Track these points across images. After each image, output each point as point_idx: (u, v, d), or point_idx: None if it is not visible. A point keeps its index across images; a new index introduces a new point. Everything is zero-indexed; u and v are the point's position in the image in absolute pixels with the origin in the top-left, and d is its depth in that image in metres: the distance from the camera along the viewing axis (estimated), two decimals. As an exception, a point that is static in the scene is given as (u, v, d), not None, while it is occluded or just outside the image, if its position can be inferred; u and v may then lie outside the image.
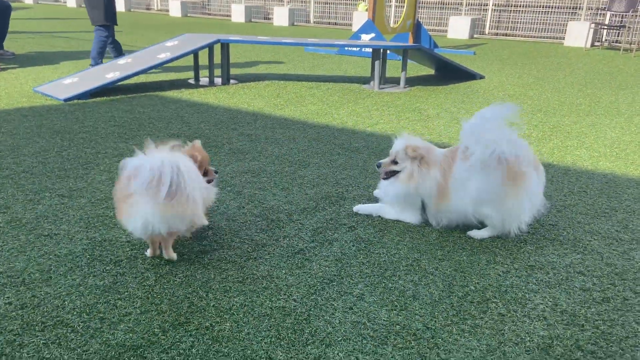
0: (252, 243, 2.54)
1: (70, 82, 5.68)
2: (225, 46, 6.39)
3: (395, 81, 6.81)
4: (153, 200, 2.02)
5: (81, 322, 1.89)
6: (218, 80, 6.51)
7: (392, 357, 1.77)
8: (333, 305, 2.05)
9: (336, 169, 3.60)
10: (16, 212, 2.76)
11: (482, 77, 7.40)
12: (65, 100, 5.21)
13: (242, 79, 6.79)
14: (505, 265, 2.41)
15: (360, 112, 5.24)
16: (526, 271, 2.37)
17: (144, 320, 1.92)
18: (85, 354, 1.73)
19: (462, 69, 7.19)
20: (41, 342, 1.78)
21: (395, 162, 2.72)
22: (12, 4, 7.89)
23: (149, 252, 2.36)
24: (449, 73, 7.38)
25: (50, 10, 17.69)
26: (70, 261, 2.30)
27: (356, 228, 2.73)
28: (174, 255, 2.32)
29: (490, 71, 8.05)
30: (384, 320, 1.97)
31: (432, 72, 7.83)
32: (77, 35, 11.33)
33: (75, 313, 1.94)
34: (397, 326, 1.94)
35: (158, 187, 2.00)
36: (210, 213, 2.72)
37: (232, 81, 6.59)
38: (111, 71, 5.76)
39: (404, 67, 6.54)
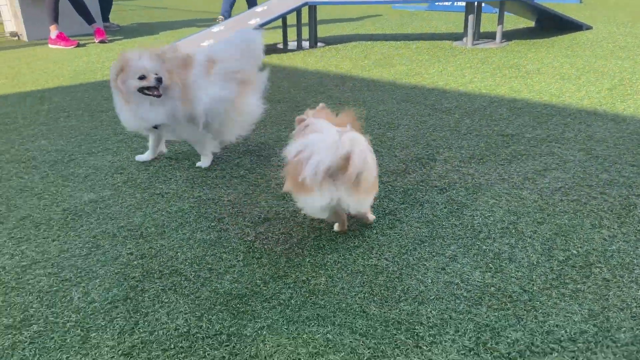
0: (344, 203, 2.61)
1: (169, 51, 6.02)
2: (312, 8, 6.39)
3: (490, 36, 6.44)
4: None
5: (192, 272, 2.08)
6: (306, 44, 6.56)
7: (486, 317, 1.77)
8: (425, 265, 2.07)
9: (426, 130, 3.53)
10: (132, 173, 3.05)
11: (589, 28, 6.76)
12: (166, 68, 5.54)
13: (330, 42, 6.78)
14: (612, 230, 2.27)
15: (451, 71, 5.05)
16: (635, 236, 2.21)
17: (246, 272, 2.07)
18: (197, 300, 1.91)
19: (566, 20, 6.61)
20: (159, 288, 1.99)
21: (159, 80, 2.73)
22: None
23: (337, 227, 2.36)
24: (551, 24, 6.83)
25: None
26: (180, 217, 2.52)
27: (447, 190, 2.69)
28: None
29: (598, 21, 7.33)
30: (477, 281, 1.96)
31: (531, 24, 7.28)
32: (172, 4, 11.88)
33: (187, 263, 2.14)
34: (492, 288, 1.92)
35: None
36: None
37: (319, 44, 6.61)
38: (206, 39, 6.02)
39: (501, 20, 6.15)
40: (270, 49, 6.45)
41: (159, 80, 2.69)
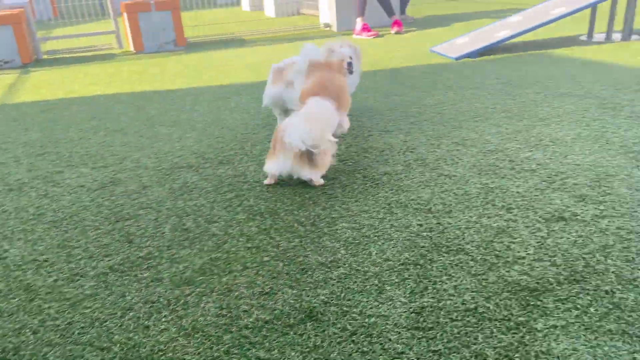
0: (661, 217, 2.23)
1: (462, 42, 6.08)
2: (633, -5, 5.54)
3: None
4: None
5: (479, 254, 2.10)
6: (617, 36, 5.76)
7: None
8: None
9: None
10: (421, 153, 3.23)
11: None
12: (456, 58, 5.63)
13: (649, 33, 5.79)
14: None
15: None
16: None
17: (537, 267, 1.98)
18: (484, 282, 1.92)
19: None
20: (447, 262, 2.08)
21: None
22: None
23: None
24: None
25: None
26: (466, 200, 2.56)
27: None
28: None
29: None
30: None
31: None
32: (463, -2, 11.92)
33: (473, 245, 2.17)
34: None
35: None
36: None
37: (633, 37, 5.71)
38: (502, 30, 5.86)
39: None
40: (571, 42, 5.88)
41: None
